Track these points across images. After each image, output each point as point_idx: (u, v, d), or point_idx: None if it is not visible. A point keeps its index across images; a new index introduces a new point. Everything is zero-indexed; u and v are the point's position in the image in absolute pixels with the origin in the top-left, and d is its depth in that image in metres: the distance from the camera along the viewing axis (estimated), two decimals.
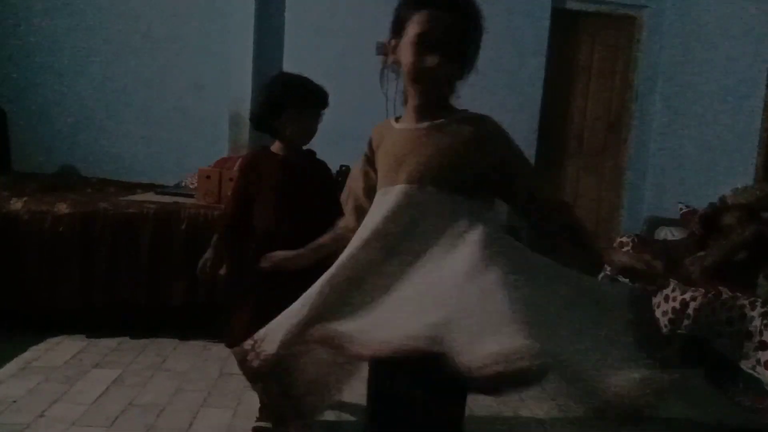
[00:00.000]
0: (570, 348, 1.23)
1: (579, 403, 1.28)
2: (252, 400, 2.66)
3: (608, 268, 3.57)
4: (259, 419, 2.40)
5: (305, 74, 2.39)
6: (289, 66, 4.91)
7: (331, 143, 2.81)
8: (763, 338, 2.31)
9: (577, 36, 5.32)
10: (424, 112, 1.44)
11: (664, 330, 2.91)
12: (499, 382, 1.14)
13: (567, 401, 2.40)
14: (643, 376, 1.23)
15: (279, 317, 1.43)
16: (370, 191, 1.55)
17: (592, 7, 5.27)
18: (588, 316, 1.33)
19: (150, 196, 3.79)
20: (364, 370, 1.43)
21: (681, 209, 3.84)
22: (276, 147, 2.32)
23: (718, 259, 2.94)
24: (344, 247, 1.44)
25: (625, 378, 1.23)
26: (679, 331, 2.80)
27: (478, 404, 2.76)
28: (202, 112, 4.85)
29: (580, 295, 1.36)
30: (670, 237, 3.69)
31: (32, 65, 4.82)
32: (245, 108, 4.76)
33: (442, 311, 1.20)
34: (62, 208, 3.29)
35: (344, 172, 4.39)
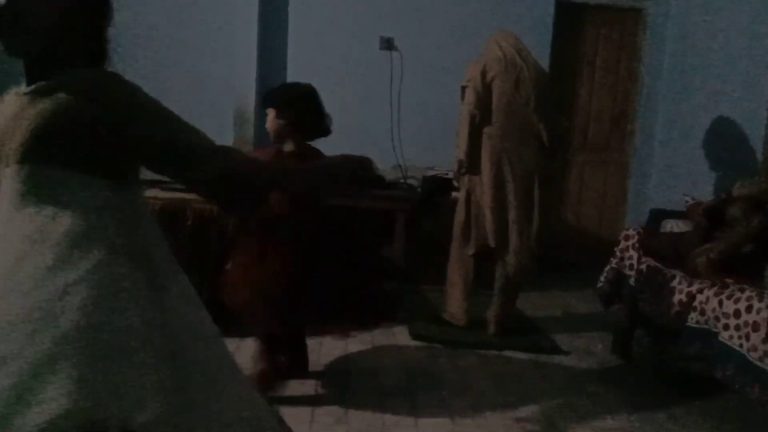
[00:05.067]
0: None
1: None
2: None
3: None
4: None
5: (310, 70, 2.49)
6: (293, 61, 4.91)
7: (335, 135, 2.81)
8: None
9: (582, 29, 5.30)
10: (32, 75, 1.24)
11: (671, 323, 2.90)
12: None
13: None
14: None
15: None
16: None
17: (596, 0, 5.24)
18: None
19: (156, 192, 3.79)
20: None
21: (687, 202, 3.82)
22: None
23: (725, 251, 2.93)
24: None
25: None
26: (686, 324, 2.79)
27: None
28: (207, 108, 4.85)
29: None
30: (675, 230, 3.67)
31: None
32: (249, 103, 4.77)
33: None
34: None
35: None
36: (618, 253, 3.49)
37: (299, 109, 2.66)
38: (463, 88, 3.63)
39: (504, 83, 3.48)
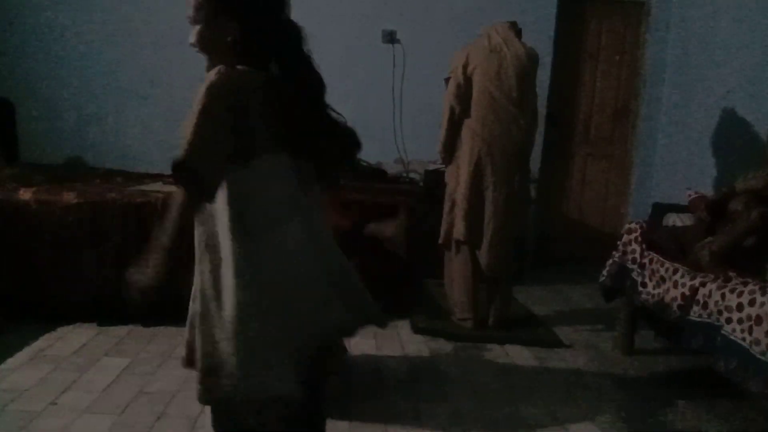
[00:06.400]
0: None
1: None
2: None
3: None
4: None
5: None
6: None
7: None
8: None
9: (585, 22, 5.28)
10: None
11: (674, 316, 2.90)
12: None
13: None
14: None
15: None
16: None
17: None
18: None
19: (158, 186, 3.80)
20: None
21: (689, 195, 3.81)
22: None
23: (727, 244, 2.92)
24: None
25: None
26: (688, 317, 2.79)
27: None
28: None
29: None
30: (678, 223, 3.67)
31: (40, 58, 4.82)
32: None
33: None
34: (70, 198, 3.31)
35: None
36: (620, 247, 3.48)
37: None
38: (447, 80, 3.61)
39: (485, 74, 3.44)
